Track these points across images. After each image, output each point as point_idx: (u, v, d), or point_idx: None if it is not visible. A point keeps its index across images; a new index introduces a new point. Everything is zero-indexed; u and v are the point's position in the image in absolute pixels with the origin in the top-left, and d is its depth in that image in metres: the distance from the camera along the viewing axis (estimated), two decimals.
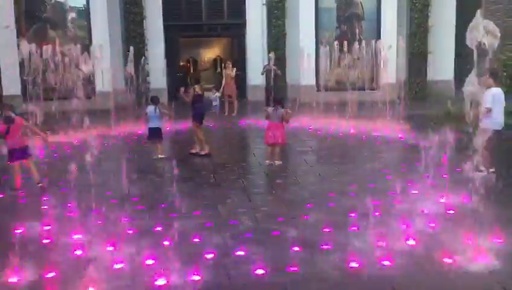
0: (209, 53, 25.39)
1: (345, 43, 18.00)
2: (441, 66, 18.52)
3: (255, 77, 17.22)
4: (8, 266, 4.67)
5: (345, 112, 14.57)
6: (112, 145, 11.49)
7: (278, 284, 4.41)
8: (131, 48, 15.24)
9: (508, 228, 5.71)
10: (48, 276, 4.63)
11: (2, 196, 7.49)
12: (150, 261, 4.90)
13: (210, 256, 4.99)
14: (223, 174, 8.37)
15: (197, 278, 4.51)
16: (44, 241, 5.55)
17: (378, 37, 18.17)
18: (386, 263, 4.78)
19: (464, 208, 6.42)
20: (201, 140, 9.68)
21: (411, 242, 5.29)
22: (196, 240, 5.45)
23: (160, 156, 9.57)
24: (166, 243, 5.37)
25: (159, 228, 5.86)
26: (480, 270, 4.64)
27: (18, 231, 5.83)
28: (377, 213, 6.22)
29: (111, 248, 5.26)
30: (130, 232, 5.72)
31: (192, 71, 23.35)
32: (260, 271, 4.63)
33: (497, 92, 7.93)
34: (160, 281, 4.47)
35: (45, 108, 14.13)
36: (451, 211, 6.36)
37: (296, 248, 5.18)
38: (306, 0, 17.83)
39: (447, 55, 18.62)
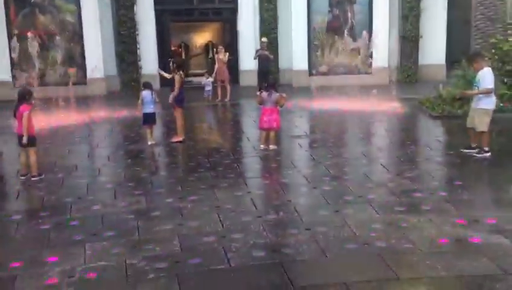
0: (201, 38, 25.21)
1: (337, 27, 18.02)
2: (433, 50, 18.54)
3: (247, 61, 17.15)
4: None
5: (336, 96, 14.60)
6: (104, 131, 11.46)
7: (274, 264, 4.45)
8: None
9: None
10: None
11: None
12: (148, 246, 4.92)
13: (210, 239, 5.01)
14: (218, 159, 8.37)
15: (196, 260, 4.54)
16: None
17: (370, 20, 18.14)
18: (381, 244, 4.84)
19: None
20: (182, 126, 9.62)
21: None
22: (194, 224, 5.47)
23: (153, 141, 9.53)
24: (166, 227, 5.39)
25: (157, 212, 5.88)
26: None
27: None
28: (370, 196, 6.31)
29: (111, 233, 5.28)
30: (129, 216, 5.74)
31: (184, 56, 23.18)
32: (258, 253, 4.67)
33: (491, 71, 7.98)
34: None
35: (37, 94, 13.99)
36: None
37: (293, 230, 5.23)
38: None
39: (439, 39, 18.64)
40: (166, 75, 10.30)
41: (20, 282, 4.26)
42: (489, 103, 7.93)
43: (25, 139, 7.30)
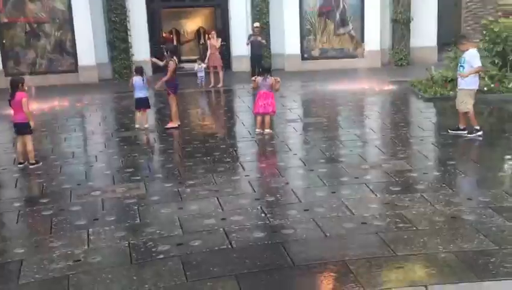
0: (192, 24, 25.08)
1: (329, 11, 18.04)
2: (424, 32, 18.59)
3: (240, 47, 17.13)
4: None
5: (329, 80, 14.67)
6: (99, 117, 11.48)
7: (274, 244, 4.56)
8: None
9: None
10: None
11: None
12: (151, 230, 5.00)
13: (210, 221, 5.11)
14: (214, 144, 8.44)
15: (197, 242, 4.64)
16: None
17: (362, 4, 18.13)
18: (379, 223, 4.95)
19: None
20: (176, 112, 9.68)
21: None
22: (194, 207, 5.56)
23: (145, 125, 9.62)
24: (163, 211, 5.49)
25: (156, 197, 5.96)
26: None
27: None
28: (366, 177, 6.43)
29: (112, 218, 5.36)
30: (130, 201, 5.81)
31: (175, 42, 23.08)
32: (258, 234, 4.77)
33: (477, 52, 8.10)
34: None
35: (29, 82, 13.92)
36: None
37: (293, 211, 5.33)
38: None
39: (430, 21, 18.68)
40: (159, 62, 10.34)
41: (25, 267, 4.33)
42: (473, 83, 8.07)
43: (33, 124, 7.40)
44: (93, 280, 4.07)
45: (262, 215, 5.27)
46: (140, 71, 9.74)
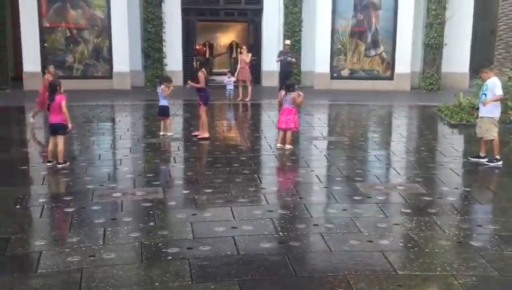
0: (225, 38, 25.58)
1: (361, 32, 18.18)
2: (457, 58, 18.53)
3: (270, 62, 17.42)
4: None
5: (356, 100, 14.76)
6: (128, 123, 11.86)
7: (280, 254, 4.71)
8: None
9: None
10: None
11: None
12: (164, 232, 5.23)
13: (221, 229, 5.29)
14: (235, 156, 8.66)
15: (206, 247, 4.83)
16: None
17: (395, 27, 18.22)
18: (385, 242, 5.05)
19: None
20: (206, 123, 9.92)
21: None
22: (208, 215, 5.77)
23: (168, 133, 9.95)
24: (178, 216, 5.71)
25: (172, 202, 6.20)
26: None
27: None
28: (379, 197, 6.52)
29: (128, 219, 5.61)
30: (147, 204, 6.06)
31: (208, 55, 23.57)
32: (265, 244, 4.93)
33: (498, 80, 8.16)
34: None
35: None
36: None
37: (302, 225, 5.47)
38: None
39: (463, 48, 18.61)
40: (196, 85, 10.16)
41: (44, 258, 4.60)
42: (495, 111, 8.10)
43: (70, 126, 7.84)
44: (105, 274, 4.30)
45: (272, 226, 5.43)
46: (161, 80, 10.20)
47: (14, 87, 17.06)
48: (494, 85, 7.99)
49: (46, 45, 17.15)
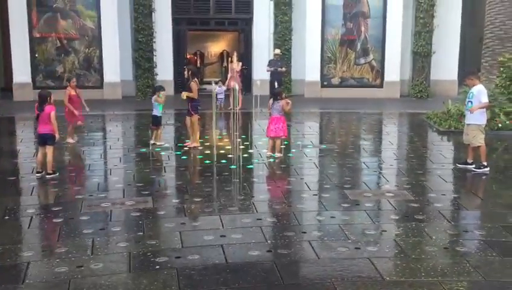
0: (216, 47, 25.66)
1: (351, 40, 18.33)
2: (445, 65, 18.73)
3: (261, 71, 17.50)
4: None
5: (346, 108, 14.85)
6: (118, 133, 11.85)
7: (268, 262, 4.73)
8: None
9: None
10: None
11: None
12: (152, 242, 5.23)
13: (210, 238, 5.31)
14: (224, 164, 8.68)
15: (195, 256, 4.84)
16: None
17: (384, 35, 18.39)
18: (372, 249, 5.09)
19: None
20: (197, 132, 9.97)
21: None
22: (197, 223, 5.78)
23: (158, 143, 9.99)
24: (168, 225, 5.72)
25: (161, 212, 6.20)
26: None
27: None
28: (367, 204, 6.56)
29: (117, 229, 5.61)
30: (136, 214, 6.07)
31: (199, 64, 23.63)
32: (253, 252, 4.95)
33: (484, 88, 8.27)
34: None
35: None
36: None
37: (291, 233, 5.50)
38: None
39: (452, 55, 18.82)
40: (191, 94, 10.12)
41: (31, 269, 4.59)
42: (481, 119, 8.20)
43: (57, 137, 7.83)
44: (93, 285, 4.30)
45: (261, 234, 5.45)
46: (154, 90, 10.28)
47: (4, 98, 17.03)
48: (479, 92, 8.09)
49: (36, 55, 17.14)
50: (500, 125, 11.55)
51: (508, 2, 13.47)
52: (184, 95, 9.89)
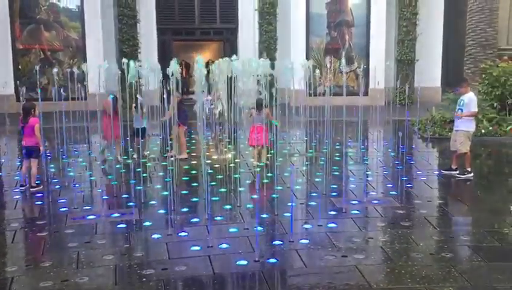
0: (202, 57, 25.65)
1: (335, 49, 18.47)
2: (429, 73, 18.95)
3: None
4: None
5: (331, 116, 14.88)
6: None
7: (255, 272, 4.71)
8: None
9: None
10: None
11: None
12: (138, 254, 5.19)
13: (197, 248, 5.28)
14: (211, 174, 8.65)
15: (182, 267, 4.81)
16: None
17: (367, 43, 18.57)
18: (359, 256, 5.10)
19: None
20: (183, 144, 9.95)
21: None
22: (183, 234, 5.75)
23: (145, 153, 9.90)
24: (155, 236, 5.67)
25: (148, 223, 6.16)
26: None
27: None
28: (353, 211, 6.58)
29: (103, 241, 5.55)
30: (122, 226, 6.01)
31: (185, 75, 23.58)
32: (242, 262, 4.93)
33: (474, 96, 8.41)
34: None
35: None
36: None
37: (278, 242, 5.49)
38: (297, 6, 18.20)
39: (435, 63, 19.06)
40: (171, 112, 9.87)
41: (15, 284, 4.52)
42: (470, 126, 8.30)
43: (42, 150, 7.75)
44: None
45: (248, 244, 5.43)
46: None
47: None
48: (470, 100, 8.24)
49: (20, 67, 16.99)
50: (483, 131, 11.71)
51: (488, 10, 13.71)
52: (162, 120, 9.84)
